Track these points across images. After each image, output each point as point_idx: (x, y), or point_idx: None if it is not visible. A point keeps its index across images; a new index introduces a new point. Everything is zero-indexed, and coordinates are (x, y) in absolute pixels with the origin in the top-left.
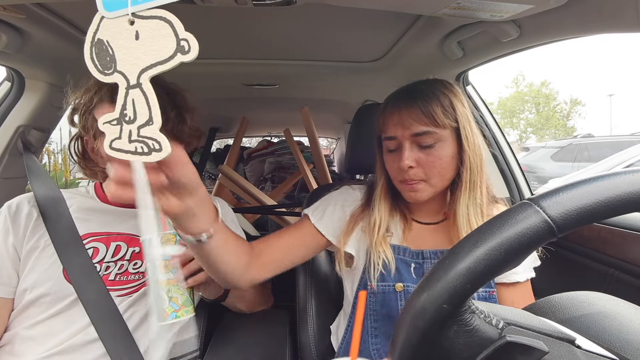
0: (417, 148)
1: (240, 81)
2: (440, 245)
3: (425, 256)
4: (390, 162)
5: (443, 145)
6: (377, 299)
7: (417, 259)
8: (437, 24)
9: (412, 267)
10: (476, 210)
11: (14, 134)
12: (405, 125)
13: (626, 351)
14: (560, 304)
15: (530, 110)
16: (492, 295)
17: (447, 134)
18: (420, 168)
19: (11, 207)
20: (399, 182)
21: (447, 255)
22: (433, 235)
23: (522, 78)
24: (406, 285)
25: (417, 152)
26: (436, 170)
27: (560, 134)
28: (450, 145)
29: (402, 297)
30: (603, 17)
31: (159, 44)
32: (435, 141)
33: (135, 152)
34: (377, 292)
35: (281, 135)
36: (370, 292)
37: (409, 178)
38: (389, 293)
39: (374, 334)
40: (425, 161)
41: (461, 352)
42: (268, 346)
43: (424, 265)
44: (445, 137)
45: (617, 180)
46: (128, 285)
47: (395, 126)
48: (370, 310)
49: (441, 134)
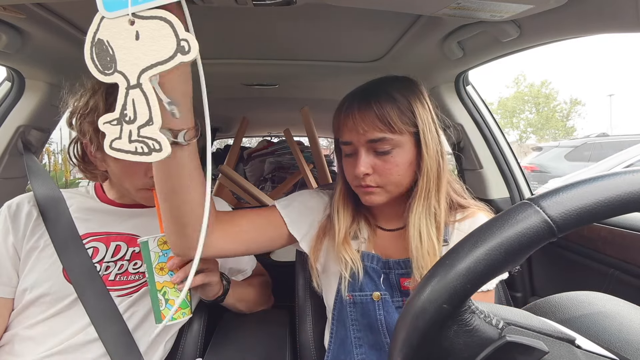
0: (373, 154)
1: (240, 81)
2: (404, 254)
3: (391, 266)
4: (347, 166)
5: (400, 152)
6: (357, 308)
7: (385, 268)
8: (437, 24)
9: (382, 278)
10: (429, 220)
11: (14, 134)
12: (360, 131)
13: (626, 351)
14: (560, 304)
15: (530, 110)
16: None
17: (405, 140)
18: (376, 175)
19: (11, 207)
20: (355, 186)
21: (447, 255)
22: (396, 242)
23: (523, 78)
24: (383, 293)
25: (373, 159)
26: (392, 178)
27: (561, 134)
28: (408, 151)
29: (381, 307)
30: (603, 17)
31: (159, 44)
32: (392, 147)
33: (136, 152)
34: (356, 302)
35: (281, 135)
36: (350, 302)
37: (365, 184)
38: (367, 303)
39: (358, 344)
40: (381, 168)
41: (461, 352)
42: (268, 346)
43: (389, 276)
44: (402, 142)
45: (617, 180)
46: (128, 285)
47: (350, 131)
48: (352, 320)
49: (398, 140)
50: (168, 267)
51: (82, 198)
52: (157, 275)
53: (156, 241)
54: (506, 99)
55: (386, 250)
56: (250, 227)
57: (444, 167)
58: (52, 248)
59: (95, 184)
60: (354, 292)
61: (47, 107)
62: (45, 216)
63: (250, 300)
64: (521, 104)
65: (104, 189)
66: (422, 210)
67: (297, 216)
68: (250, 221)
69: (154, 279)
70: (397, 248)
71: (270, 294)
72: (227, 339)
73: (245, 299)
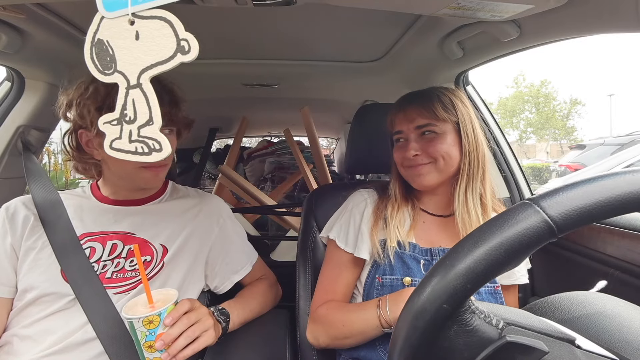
0: (421, 139)
1: (240, 81)
2: (449, 243)
3: (434, 254)
4: (396, 152)
5: (444, 136)
6: (385, 292)
7: (427, 255)
8: (437, 24)
9: (422, 264)
10: (475, 200)
11: (14, 134)
12: (410, 120)
13: (626, 351)
14: (560, 304)
15: (530, 110)
16: (497, 290)
17: (448, 128)
18: (424, 154)
19: (9, 209)
20: (406, 168)
21: (447, 255)
22: (441, 230)
23: (522, 78)
24: (414, 279)
25: (421, 142)
26: (439, 154)
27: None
28: (452, 137)
29: None
30: (603, 17)
31: (159, 44)
32: (437, 132)
33: (136, 152)
34: (385, 285)
35: (281, 135)
36: (378, 284)
37: (416, 164)
38: (397, 286)
39: None
40: (428, 147)
41: (461, 352)
42: (268, 346)
43: (433, 262)
44: (446, 129)
45: (617, 180)
46: (125, 282)
47: (402, 122)
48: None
49: (442, 127)
50: (156, 347)
51: (79, 199)
52: (146, 352)
53: (141, 322)
54: (506, 98)
55: (431, 237)
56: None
57: (486, 156)
58: (50, 249)
59: (92, 184)
60: (384, 275)
61: (47, 107)
62: (43, 219)
63: (255, 314)
64: (521, 103)
65: (99, 186)
66: (466, 189)
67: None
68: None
69: (144, 356)
70: (444, 236)
71: (277, 292)
72: (227, 339)
73: (250, 317)
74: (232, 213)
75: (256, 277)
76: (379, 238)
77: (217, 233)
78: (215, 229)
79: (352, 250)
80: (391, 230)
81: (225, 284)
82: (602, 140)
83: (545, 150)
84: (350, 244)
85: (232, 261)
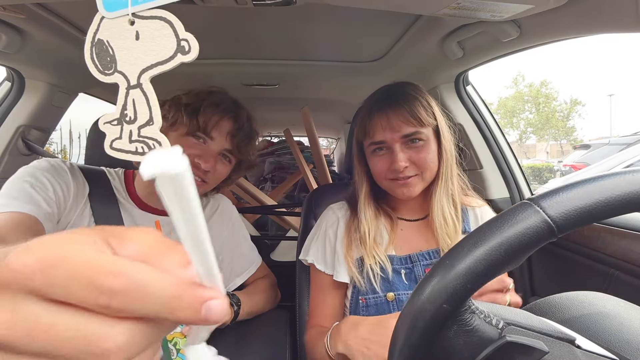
0: (407, 148)
1: (240, 81)
2: (427, 246)
3: (414, 260)
4: (378, 163)
5: (429, 143)
6: (371, 312)
7: (407, 264)
8: (437, 24)
9: (403, 274)
10: (449, 200)
11: (14, 134)
12: (395, 129)
13: (626, 351)
14: (560, 304)
15: (530, 110)
16: None
17: (430, 132)
18: (413, 165)
19: (73, 166)
20: (389, 180)
21: (447, 255)
22: (418, 234)
23: (522, 78)
24: (397, 293)
25: (408, 152)
26: (427, 165)
27: (561, 134)
28: (433, 142)
29: (395, 306)
30: (603, 17)
31: (159, 44)
32: (423, 139)
33: (136, 152)
34: (370, 305)
35: (281, 135)
36: (363, 305)
37: (404, 176)
38: (382, 304)
39: None
40: (417, 158)
41: (461, 352)
42: (268, 346)
43: (414, 269)
44: (429, 135)
45: (617, 180)
46: None
47: (384, 130)
48: None
49: (426, 133)
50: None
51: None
52: None
53: None
54: (506, 99)
55: (410, 244)
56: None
57: (454, 153)
58: (91, 220)
59: (126, 172)
60: (367, 296)
61: (47, 107)
62: (91, 188)
63: (260, 308)
64: (521, 103)
65: (134, 177)
66: (442, 191)
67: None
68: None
69: None
70: (421, 240)
71: (277, 293)
72: (227, 339)
73: (255, 310)
74: (239, 215)
75: (258, 278)
76: (355, 257)
77: (226, 235)
78: (224, 231)
79: (331, 272)
80: (368, 251)
81: (228, 286)
82: (607, 139)
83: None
84: (329, 266)
85: (237, 265)
